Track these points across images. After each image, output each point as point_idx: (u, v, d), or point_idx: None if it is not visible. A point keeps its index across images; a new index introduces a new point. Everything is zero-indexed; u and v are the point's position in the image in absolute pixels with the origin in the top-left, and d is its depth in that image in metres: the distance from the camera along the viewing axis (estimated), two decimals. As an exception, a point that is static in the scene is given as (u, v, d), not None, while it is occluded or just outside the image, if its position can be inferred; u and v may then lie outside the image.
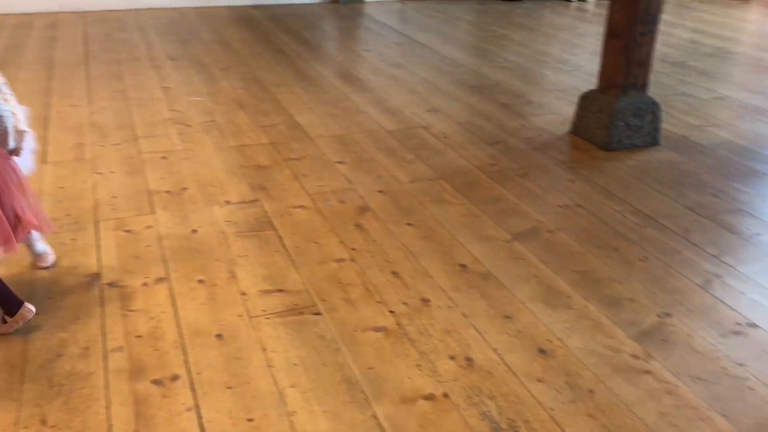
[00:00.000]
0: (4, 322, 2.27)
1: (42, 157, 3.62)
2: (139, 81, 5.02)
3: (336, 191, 3.35)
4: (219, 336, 2.29)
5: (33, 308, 2.30)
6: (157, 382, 2.08)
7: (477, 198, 3.32)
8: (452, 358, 2.21)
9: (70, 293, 2.49)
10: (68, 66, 5.36)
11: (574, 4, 8.70)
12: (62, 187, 3.31)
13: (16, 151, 2.32)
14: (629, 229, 3.07)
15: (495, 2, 8.65)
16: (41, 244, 2.65)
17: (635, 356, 2.24)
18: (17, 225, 2.28)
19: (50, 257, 2.66)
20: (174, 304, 2.45)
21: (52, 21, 6.88)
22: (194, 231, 2.95)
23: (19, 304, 2.27)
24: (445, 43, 6.50)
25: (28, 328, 2.28)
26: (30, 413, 1.94)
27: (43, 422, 1.92)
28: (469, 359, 2.21)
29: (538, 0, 8.84)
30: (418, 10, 8.09)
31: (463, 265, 2.73)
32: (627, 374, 2.16)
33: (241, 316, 2.40)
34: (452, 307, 2.47)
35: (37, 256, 2.64)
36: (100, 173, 3.49)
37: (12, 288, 2.30)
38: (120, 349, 2.22)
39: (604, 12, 7.86)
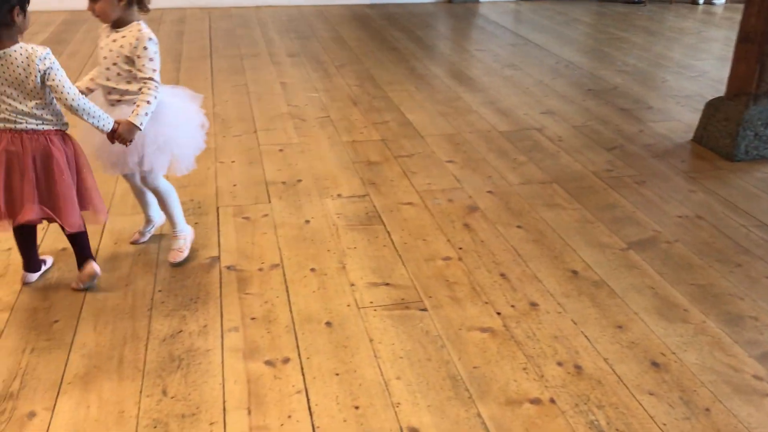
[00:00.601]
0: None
1: (169, 145, 3.83)
2: (259, 76, 5.22)
3: (444, 190, 3.36)
4: (328, 324, 2.35)
5: (98, 269, 2.50)
6: (269, 363, 2.16)
7: (591, 204, 3.24)
8: (560, 364, 2.17)
9: (192, 274, 2.63)
10: (194, 59, 5.65)
11: (700, 7, 8.29)
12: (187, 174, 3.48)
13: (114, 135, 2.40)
14: (754, 244, 2.90)
15: (615, 4, 8.38)
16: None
17: (758, 377, 2.12)
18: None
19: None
20: (287, 290, 2.54)
21: (181, 16, 7.27)
22: (307, 222, 3.04)
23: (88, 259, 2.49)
24: (562, 44, 6.37)
25: (153, 304, 2.43)
26: (153, 383, 2.07)
27: (164, 392, 2.04)
28: (577, 366, 2.16)
29: (662, 2, 8.50)
30: (534, 11, 7.96)
31: (574, 272, 2.68)
32: (748, 396, 2.05)
33: (349, 305, 2.45)
34: (561, 313, 2.42)
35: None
36: (222, 162, 3.66)
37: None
38: (236, 329, 2.32)
39: (734, 15, 7.46)
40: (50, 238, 2.82)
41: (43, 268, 2.60)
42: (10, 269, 2.63)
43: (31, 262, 2.55)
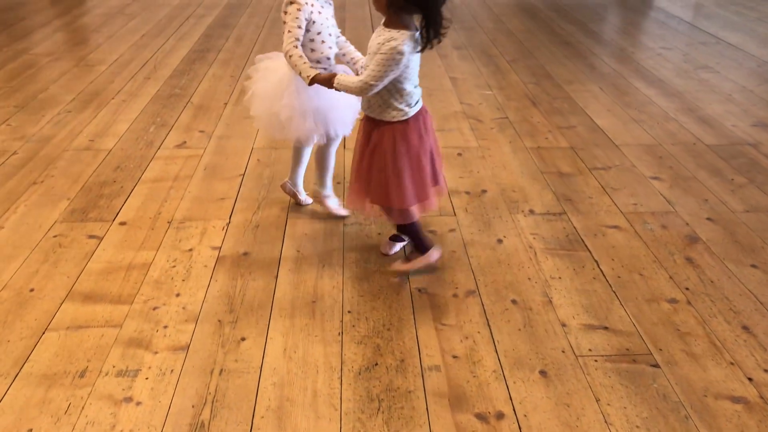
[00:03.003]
0: (408, 260, 2.51)
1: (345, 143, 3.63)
2: (427, 69, 4.94)
3: (655, 213, 2.94)
4: (543, 373, 2.03)
5: (437, 254, 2.52)
6: (480, 416, 1.87)
7: (839, 243, 2.72)
8: None
9: (381, 294, 2.39)
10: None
11: None
12: (363, 176, 3.26)
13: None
14: None
15: (814, -2, 7.44)
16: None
17: None
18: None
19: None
20: (488, 325, 2.24)
21: (341, 2, 7.12)
22: (499, 241, 2.73)
23: (429, 246, 2.50)
24: (761, 45, 5.66)
25: (344, 328, 2.21)
26: (352, 427, 1.84)
27: (364, 439, 1.80)
28: None
29: None
30: (721, 5, 7.19)
31: (837, 331, 2.21)
32: None
33: (564, 352, 2.12)
34: (832, 387, 1.98)
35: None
36: (399, 164, 3.40)
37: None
38: (437, 368, 2.05)
39: None
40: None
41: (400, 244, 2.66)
42: (192, 273, 2.49)
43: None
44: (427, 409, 1.90)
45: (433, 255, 2.51)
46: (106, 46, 5.44)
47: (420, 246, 2.51)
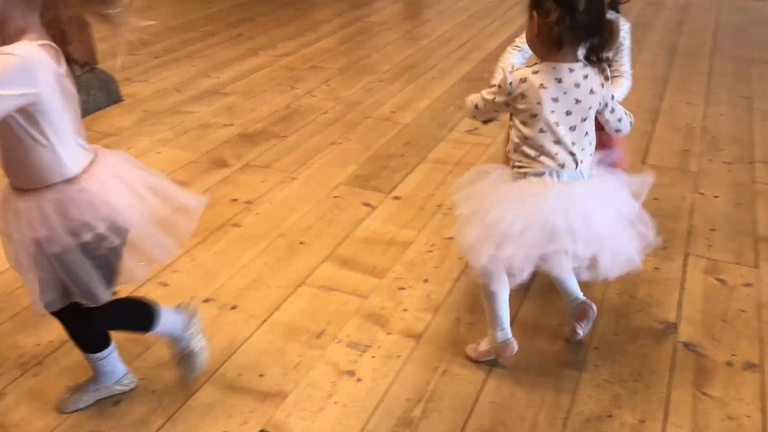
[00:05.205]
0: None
1: (642, 156, 3.29)
2: (768, 89, 4.27)
3: None
4: (822, 495, 1.61)
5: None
6: None
7: None
8: None
9: (638, 337, 2.11)
10: (691, 56, 4.90)
11: None
12: (656, 198, 2.90)
13: None
14: None
15: None
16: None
17: None
18: None
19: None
20: (763, 411, 1.84)
21: (685, 3, 6.47)
22: (807, 312, 2.23)
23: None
24: None
25: (585, 364, 1.99)
26: (562, 478, 1.65)
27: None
28: None
29: None
30: None
31: None
32: None
33: None
34: None
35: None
36: (702, 194, 2.98)
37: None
38: (681, 443, 1.74)
39: None
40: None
41: None
42: (445, 262, 2.45)
43: None
44: (656, 487, 1.63)
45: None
46: (434, 22, 5.64)
47: None
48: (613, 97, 1.79)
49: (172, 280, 2.32)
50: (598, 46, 1.66)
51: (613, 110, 1.80)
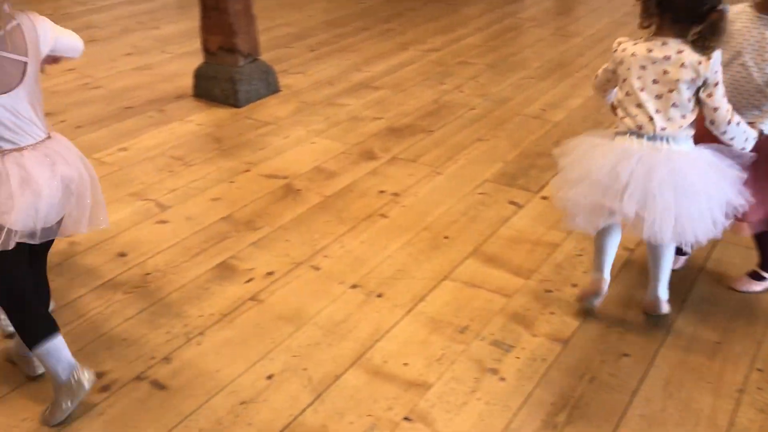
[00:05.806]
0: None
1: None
2: None
3: None
4: None
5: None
6: None
7: None
8: None
9: (809, 363, 1.94)
10: None
11: None
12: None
13: None
14: None
15: None
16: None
17: None
18: None
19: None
20: None
21: None
22: None
23: None
24: None
25: (747, 386, 1.86)
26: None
27: None
28: None
29: None
30: None
31: None
32: None
33: None
34: None
35: None
36: None
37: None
38: None
39: None
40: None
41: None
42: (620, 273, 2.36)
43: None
44: None
45: None
46: (587, 19, 5.46)
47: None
48: (716, 84, 1.78)
49: (324, 264, 2.41)
50: (703, 35, 1.77)
51: (710, 95, 1.79)
